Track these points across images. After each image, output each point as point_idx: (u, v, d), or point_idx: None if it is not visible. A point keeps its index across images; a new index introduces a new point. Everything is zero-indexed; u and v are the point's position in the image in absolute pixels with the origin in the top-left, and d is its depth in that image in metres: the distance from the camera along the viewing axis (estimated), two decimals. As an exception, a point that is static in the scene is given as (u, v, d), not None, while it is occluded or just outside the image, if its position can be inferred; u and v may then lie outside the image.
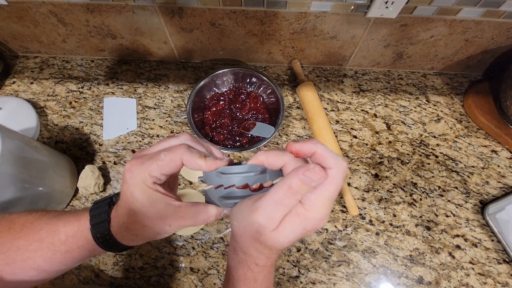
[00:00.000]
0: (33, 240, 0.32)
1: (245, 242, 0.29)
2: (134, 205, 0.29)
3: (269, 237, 0.27)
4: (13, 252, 0.32)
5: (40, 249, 0.32)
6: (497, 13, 0.56)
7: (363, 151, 0.66)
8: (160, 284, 0.56)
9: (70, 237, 0.32)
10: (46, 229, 0.33)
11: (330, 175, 0.26)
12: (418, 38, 0.63)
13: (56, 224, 0.33)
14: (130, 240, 0.32)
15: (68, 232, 0.32)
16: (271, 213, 0.26)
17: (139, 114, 0.70)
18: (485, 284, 0.56)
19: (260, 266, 0.30)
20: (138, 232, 0.31)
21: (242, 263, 0.30)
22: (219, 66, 0.75)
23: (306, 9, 0.57)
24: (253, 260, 0.30)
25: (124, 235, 0.32)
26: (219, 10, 0.59)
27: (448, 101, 0.71)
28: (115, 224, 0.32)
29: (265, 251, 0.29)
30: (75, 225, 0.33)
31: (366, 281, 0.56)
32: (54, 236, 0.32)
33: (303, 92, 0.67)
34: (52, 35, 0.68)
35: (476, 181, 0.64)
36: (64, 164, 0.60)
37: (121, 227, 0.31)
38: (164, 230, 0.30)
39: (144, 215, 0.29)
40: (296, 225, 0.26)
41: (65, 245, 0.32)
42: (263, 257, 0.29)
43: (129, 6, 0.59)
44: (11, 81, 0.73)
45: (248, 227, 0.28)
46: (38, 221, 0.33)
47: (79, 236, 0.32)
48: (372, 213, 0.61)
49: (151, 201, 0.29)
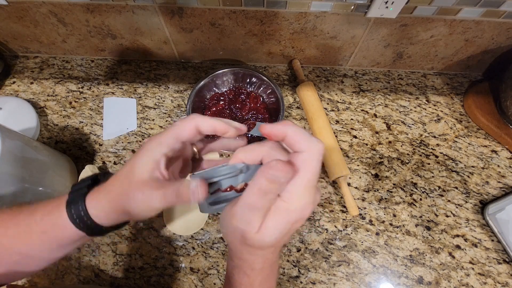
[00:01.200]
0: (11, 225, 0.31)
1: (236, 248, 0.29)
2: (127, 168, 0.29)
3: (255, 239, 0.26)
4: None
5: (17, 232, 0.31)
6: (497, 13, 0.56)
7: (363, 151, 0.66)
8: (160, 284, 0.56)
9: (46, 216, 0.31)
10: (24, 212, 0.32)
11: (303, 159, 0.24)
12: (418, 38, 0.63)
13: (36, 206, 0.32)
14: (102, 207, 0.29)
15: (45, 211, 0.31)
16: (247, 217, 0.25)
17: (139, 114, 0.70)
18: (485, 284, 0.56)
19: (256, 270, 0.29)
20: (112, 196, 0.29)
21: (238, 269, 0.30)
22: (219, 66, 0.75)
23: (306, 9, 0.57)
24: (249, 265, 0.29)
25: (98, 200, 0.30)
26: (219, 10, 0.59)
27: (448, 101, 0.71)
28: (92, 195, 0.30)
29: (258, 252, 0.28)
30: (53, 204, 0.31)
31: (366, 281, 0.56)
32: (30, 217, 0.31)
33: (303, 92, 0.67)
34: (52, 35, 0.68)
35: (476, 181, 0.64)
36: (64, 164, 0.60)
37: (99, 191, 0.30)
38: (135, 198, 0.28)
39: (127, 177, 0.28)
40: (279, 220, 0.25)
41: (40, 225, 0.30)
42: (259, 259, 0.28)
43: (129, 6, 0.59)
44: (11, 81, 0.73)
45: (233, 233, 0.27)
46: (18, 207, 0.33)
47: (54, 212, 0.30)
48: (372, 213, 0.61)
49: (142, 166, 0.28)
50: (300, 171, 0.25)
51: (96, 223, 0.30)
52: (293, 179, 0.25)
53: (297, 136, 0.25)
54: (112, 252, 0.58)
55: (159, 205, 0.28)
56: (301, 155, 0.25)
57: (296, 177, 0.25)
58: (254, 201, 0.25)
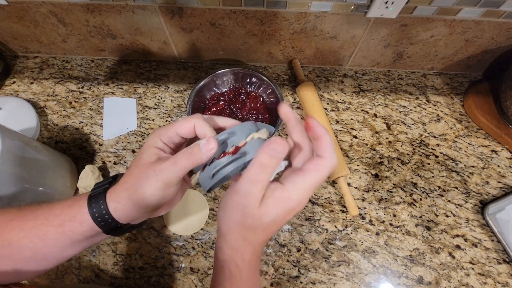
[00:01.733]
0: (28, 219, 0.32)
1: (232, 233, 0.30)
2: (135, 160, 0.31)
3: (256, 215, 0.28)
4: (8, 234, 0.31)
5: (34, 226, 0.31)
6: (497, 13, 0.56)
7: (363, 151, 0.66)
8: (160, 284, 0.56)
9: (65, 209, 0.31)
10: (43, 207, 0.32)
11: (321, 163, 0.28)
12: (418, 38, 0.63)
13: (55, 202, 0.33)
14: (120, 199, 0.30)
15: (65, 205, 0.32)
16: (249, 190, 0.28)
17: (139, 114, 0.70)
18: (485, 284, 0.56)
19: (246, 261, 0.31)
20: (128, 185, 0.30)
21: (229, 261, 0.31)
22: (219, 66, 0.75)
23: (306, 9, 0.57)
24: (240, 255, 0.30)
25: (117, 193, 0.31)
26: (219, 10, 0.59)
27: (448, 101, 0.71)
28: (111, 190, 0.31)
29: (251, 237, 0.30)
30: (74, 198, 0.32)
31: (366, 281, 0.56)
32: (49, 211, 0.32)
33: (303, 92, 0.67)
34: (52, 35, 0.68)
35: (476, 181, 0.64)
36: (64, 164, 0.60)
37: (116, 186, 0.31)
38: (149, 179, 0.29)
39: (136, 166, 0.31)
40: (278, 204, 0.28)
41: (58, 218, 0.31)
42: (250, 248, 0.30)
43: (129, 6, 0.59)
44: (11, 81, 0.73)
45: (233, 213, 0.29)
46: (35, 204, 0.33)
47: (74, 206, 0.31)
48: (372, 213, 0.61)
49: (146, 152, 0.31)
50: (313, 171, 0.28)
51: (113, 218, 0.31)
52: (305, 173, 0.28)
53: (328, 145, 0.28)
54: (112, 252, 0.58)
55: (172, 174, 0.29)
56: (321, 159, 0.28)
57: (308, 173, 0.28)
58: (255, 174, 0.28)
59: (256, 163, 0.28)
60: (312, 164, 0.28)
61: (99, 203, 0.30)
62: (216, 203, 0.62)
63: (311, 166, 0.28)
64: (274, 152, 0.27)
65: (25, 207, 0.33)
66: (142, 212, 0.32)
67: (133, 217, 0.32)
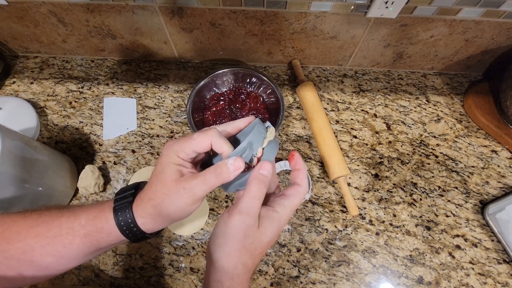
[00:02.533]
0: (52, 226, 0.32)
1: (232, 260, 0.31)
2: (156, 175, 0.32)
3: (256, 236, 0.31)
4: (31, 239, 0.32)
5: (59, 234, 0.32)
6: (497, 13, 0.56)
7: (363, 151, 0.66)
8: (160, 284, 0.56)
9: (91, 220, 0.32)
10: (66, 215, 0.33)
11: (299, 190, 0.34)
12: (418, 38, 0.63)
13: (78, 209, 0.33)
14: (149, 215, 0.32)
15: (90, 215, 0.32)
16: (251, 209, 0.31)
17: (139, 114, 0.70)
18: (485, 284, 0.56)
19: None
20: (156, 202, 0.31)
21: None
22: (219, 66, 0.75)
23: (306, 9, 0.57)
24: (239, 284, 0.32)
25: (143, 209, 0.32)
26: (219, 10, 0.59)
27: (448, 101, 0.71)
28: (137, 203, 0.32)
29: (249, 262, 0.32)
30: (97, 209, 0.33)
31: (366, 281, 0.56)
32: (74, 221, 0.32)
33: (303, 92, 0.67)
34: (52, 35, 0.68)
35: (476, 181, 0.64)
36: (64, 164, 0.60)
37: (142, 200, 0.32)
38: (179, 196, 0.31)
39: (162, 182, 0.31)
40: (273, 225, 0.32)
41: (84, 228, 0.32)
42: (247, 276, 0.32)
43: (129, 6, 0.59)
44: (11, 81, 0.73)
45: (235, 236, 0.31)
46: (57, 209, 0.34)
47: (100, 217, 0.32)
48: (372, 213, 0.61)
49: (170, 168, 0.32)
50: (295, 195, 0.33)
51: (141, 230, 0.32)
52: (290, 197, 0.33)
53: (305, 176, 0.35)
54: (112, 252, 0.58)
55: (202, 191, 0.31)
56: (300, 187, 0.34)
57: (292, 197, 0.33)
58: (255, 191, 0.31)
59: (255, 182, 0.31)
60: (293, 190, 0.34)
61: (127, 217, 0.32)
62: (216, 203, 0.62)
63: (293, 192, 0.34)
64: (267, 172, 0.32)
65: (46, 213, 0.33)
66: (168, 223, 0.33)
67: (159, 228, 0.33)
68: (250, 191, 0.31)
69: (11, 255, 0.31)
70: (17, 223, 0.33)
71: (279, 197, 0.34)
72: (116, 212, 0.32)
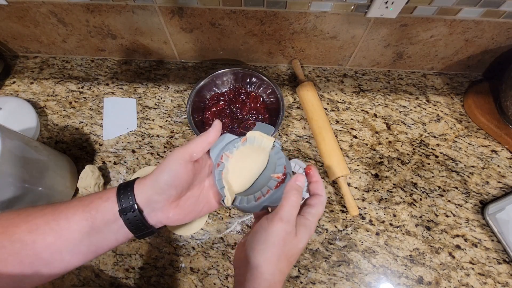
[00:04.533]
0: (60, 205, 0.34)
1: (271, 266, 0.32)
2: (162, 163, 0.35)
3: (294, 242, 0.33)
4: (39, 219, 0.33)
5: (65, 208, 0.34)
6: (497, 13, 0.56)
7: (363, 151, 0.66)
8: (160, 284, 0.56)
9: (94, 194, 0.35)
10: (76, 203, 0.35)
11: (321, 200, 0.37)
12: (418, 38, 0.63)
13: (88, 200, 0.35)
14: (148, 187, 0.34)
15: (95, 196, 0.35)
16: (291, 216, 0.33)
17: (139, 114, 0.70)
18: (485, 284, 0.56)
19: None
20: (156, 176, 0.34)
21: None
22: (219, 66, 0.75)
23: (306, 9, 0.57)
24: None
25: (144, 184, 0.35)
26: (219, 10, 0.59)
27: (448, 101, 0.71)
28: (138, 182, 0.35)
29: (285, 268, 0.33)
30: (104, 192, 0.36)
31: (366, 281, 0.56)
32: (80, 199, 0.35)
33: (303, 92, 0.67)
34: (52, 35, 0.68)
35: (476, 181, 0.64)
36: (64, 164, 0.60)
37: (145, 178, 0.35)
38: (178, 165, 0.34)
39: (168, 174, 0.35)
40: (306, 231, 0.34)
41: (87, 199, 0.35)
42: (282, 284, 0.34)
43: (129, 6, 0.59)
44: (11, 81, 0.73)
45: (274, 243, 0.32)
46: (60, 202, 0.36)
47: (104, 191, 0.35)
48: (372, 213, 0.61)
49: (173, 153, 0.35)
50: (319, 204, 0.36)
51: (136, 203, 0.34)
52: (315, 207, 0.36)
53: (323, 186, 0.38)
54: (112, 252, 0.58)
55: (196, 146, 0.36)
56: (321, 196, 0.37)
57: (316, 206, 0.36)
58: (294, 200, 0.34)
59: (293, 192, 0.34)
60: (316, 200, 0.37)
61: (127, 186, 0.35)
62: (216, 203, 0.62)
63: (316, 201, 0.36)
64: (300, 182, 0.35)
65: (57, 203, 0.36)
66: (157, 189, 0.35)
67: (149, 195, 0.35)
68: (289, 200, 0.33)
69: (16, 238, 0.32)
70: (28, 209, 0.34)
71: (306, 206, 0.37)
72: (119, 185, 0.35)
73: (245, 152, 0.39)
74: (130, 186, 0.35)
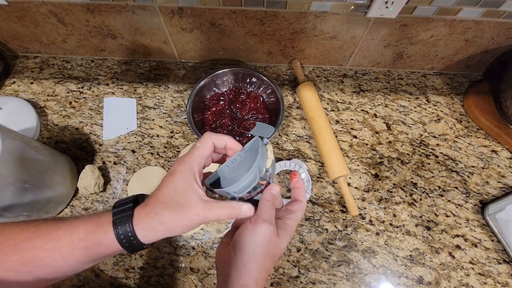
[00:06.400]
0: (50, 239, 0.32)
1: (257, 264, 0.33)
2: (169, 191, 0.33)
3: (277, 242, 0.34)
4: (29, 252, 0.32)
5: (58, 247, 0.32)
6: (497, 13, 0.56)
7: (363, 151, 0.66)
8: (160, 284, 0.56)
9: (89, 234, 0.32)
10: (64, 228, 0.33)
11: (301, 206, 0.39)
12: (418, 38, 0.63)
13: (75, 223, 0.33)
14: (153, 229, 0.32)
15: (88, 229, 0.33)
16: (272, 218, 0.35)
17: (139, 114, 0.70)
18: (485, 284, 0.56)
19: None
20: (165, 219, 0.32)
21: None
22: (219, 66, 0.75)
23: (306, 9, 0.57)
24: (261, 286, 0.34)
25: (148, 223, 0.32)
26: (219, 10, 0.59)
27: (448, 101, 0.71)
28: (139, 217, 0.33)
29: (269, 266, 0.35)
30: (95, 222, 0.33)
31: (366, 281, 0.56)
32: (72, 234, 0.32)
33: (303, 92, 0.67)
34: (52, 35, 0.68)
35: (476, 181, 0.64)
36: (64, 164, 0.60)
37: (147, 215, 0.32)
38: (191, 219, 0.33)
39: (176, 201, 0.33)
40: (287, 234, 0.36)
41: (84, 241, 0.32)
42: (265, 279, 0.35)
43: (129, 6, 0.59)
44: (11, 81, 0.73)
45: (260, 242, 0.34)
46: (54, 222, 0.34)
47: (98, 231, 0.32)
48: (372, 213, 0.61)
49: (187, 189, 0.33)
50: (299, 210, 0.38)
51: (141, 242, 0.33)
52: (295, 213, 0.38)
53: (305, 193, 0.40)
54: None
55: (212, 220, 0.34)
56: (301, 203, 0.39)
57: (296, 213, 0.38)
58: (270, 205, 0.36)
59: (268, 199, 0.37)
60: (296, 206, 0.39)
61: (127, 231, 0.32)
62: (216, 203, 0.62)
63: (296, 207, 0.38)
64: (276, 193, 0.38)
65: (43, 225, 0.33)
66: (168, 236, 0.34)
67: (158, 239, 0.34)
68: (267, 204, 0.36)
69: (9, 267, 0.32)
70: (14, 235, 0.33)
71: (286, 212, 0.38)
72: (116, 225, 0.32)
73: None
74: (129, 219, 0.32)
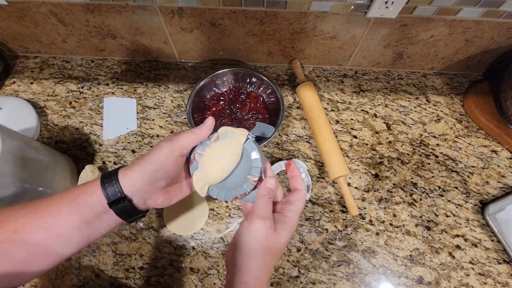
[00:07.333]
0: (41, 203, 0.34)
1: (257, 261, 0.34)
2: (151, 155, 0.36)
3: (275, 238, 0.34)
4: (22, 218, 0.33)
5: (48, 206, 0.34)
6: (497, 13, 0.56)
7: (363, 151, 0.66)
8: (160, 284, 0.56)
9: (77, 188, 0.35)
10: (56, 196, 0.35)
11: (300, 195, 0.38)
12: (418, 38, 0.63)
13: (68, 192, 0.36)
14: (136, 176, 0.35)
15: (78, 187, 0.36)
16: (268, 213, 0.35)
17: (139, 114, 0.70)
18: (485, 284, 0.56)
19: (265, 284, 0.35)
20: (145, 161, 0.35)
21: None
22: (219, 66, 0.75)
23: (306, 9, 0.57)
24: (262, 284, 0.34)
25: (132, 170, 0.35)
26: (219, 10, 0.59)
27: (448, 101, 0.71)
28: (123, 172, 0.35)
29: (270, 263, 0.35)
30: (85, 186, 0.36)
31: (366, 281, 0.56)
32: (63, 194, 0.35)
33: (303, 92, 0.67)
34: (52, 35, 0.68)
35: (476, 181, 0.64)
36: (64, 164, 0.60)
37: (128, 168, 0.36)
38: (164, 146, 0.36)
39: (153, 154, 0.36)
40: (287, 227, 0.36)
41: (71, 194, 0.35)
42: (268, 276, 0.35)
43: (129, 6, 0.59)
44: (11, 81, 0.73)
45: (257, 239, 0.34)
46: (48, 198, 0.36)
47: (87, 184, 0.35)
48: (372, 213, 0.61)
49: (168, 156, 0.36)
50: (298, 200, 0.38)
51: (120, 188, 0.34)
52: (294, 203, 0.37)
53: (303, 181, 0.40)
54: (112, 252, 0.58)
55: (187, 141, 0.37)
56: (301, 191, 0.38)
57: (296, 202, 0.38)
58: (266, 200, 0.36)
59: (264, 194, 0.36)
60: (296, 196, 0.38)
61: (111, 177, 0.35)
62: (216, 202, 0.62)
63: (296, 197, 0.38)
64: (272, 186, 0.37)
65: (37, 199, 0.36)
66: (149, 179, 0.36)
67: (139, 187, 0.35)
68: (263, 200, 0.36)
69: (2, 238, 0.32)
70: (8, 209, 0.34)
71: (286, 204, 0.38)
72: (103, 179, 0.35)
73: (219, 148, 0.39)
74: (114, 177, 0.35)
